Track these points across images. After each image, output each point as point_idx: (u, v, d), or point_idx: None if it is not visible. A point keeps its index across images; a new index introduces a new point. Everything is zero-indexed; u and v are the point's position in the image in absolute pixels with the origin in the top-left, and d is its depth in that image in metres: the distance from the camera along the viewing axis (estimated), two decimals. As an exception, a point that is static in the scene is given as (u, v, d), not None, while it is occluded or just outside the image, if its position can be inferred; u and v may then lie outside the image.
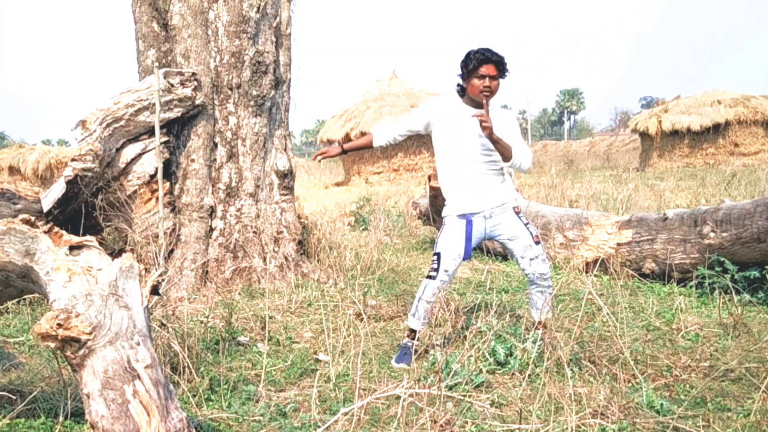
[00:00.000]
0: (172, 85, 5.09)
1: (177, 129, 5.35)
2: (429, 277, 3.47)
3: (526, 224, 3.51)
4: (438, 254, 3.46)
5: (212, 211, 5.35)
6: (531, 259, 3.46)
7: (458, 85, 3.49)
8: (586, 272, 5.62)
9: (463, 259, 3.50)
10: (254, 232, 5.45)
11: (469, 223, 3.44)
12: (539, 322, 3.56)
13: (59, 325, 2.06)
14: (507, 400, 2.88)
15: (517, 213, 3.52)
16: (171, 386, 2.17)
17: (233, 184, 5.42)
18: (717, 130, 20.64)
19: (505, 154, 3.35)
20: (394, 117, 20.13)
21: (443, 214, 3.56)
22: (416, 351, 3.57)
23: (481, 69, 3.31)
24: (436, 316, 3.88)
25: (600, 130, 77.18)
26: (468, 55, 3.38)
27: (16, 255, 2.36)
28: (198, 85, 5.21)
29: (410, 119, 3.61)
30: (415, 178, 19.20)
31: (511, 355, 3.28)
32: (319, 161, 3.90)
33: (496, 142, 3.30)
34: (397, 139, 3.66)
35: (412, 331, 3.57)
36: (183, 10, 5.28)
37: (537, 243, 3.48)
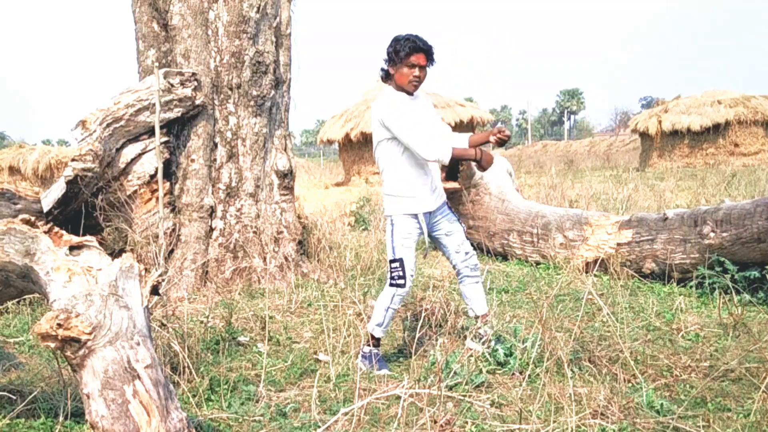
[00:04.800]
0: (172, 85, 5.09)
1: (177, 129, 5.35)
2: (396, 285, 3.30)
3: (458, 219, 3.49)
4: (400, 260, 3.27)
5: (212, 211, 5.35)
6: (466, 253, 3.45)
7: (383, 69, 3.32)
8: (586, 272, 5.62)
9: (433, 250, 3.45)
10: (254, 232, 5.45)
11: (418, 220, 3.31)
12: (483, 315, 3.49)
13: (59, 325, 2.06)
14: (507, 400, 2.88)
15: (449, 207, 3.50)
16: (171, 386, 2.17)
17: (233, 184, 5.42)
18: (717, 130, 20.65)
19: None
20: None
21: (389, 213, 3.35)
22: (412, 352, 3.57)
23: (412, 58, 3.19)
24: (436, 316, 3.88)
25: (600, 130, 77.16)
26: (398, 41, 3.21)
27: (16, 255, 2.36)
28: (198, 85, 5.21)
29: (413, 124, 3.25)
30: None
31: (511, 355, 3.28)
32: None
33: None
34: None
35: (375, 339, 3.47)
36: (183, 10, 5.28)
37: (467, 238, 3.50)
